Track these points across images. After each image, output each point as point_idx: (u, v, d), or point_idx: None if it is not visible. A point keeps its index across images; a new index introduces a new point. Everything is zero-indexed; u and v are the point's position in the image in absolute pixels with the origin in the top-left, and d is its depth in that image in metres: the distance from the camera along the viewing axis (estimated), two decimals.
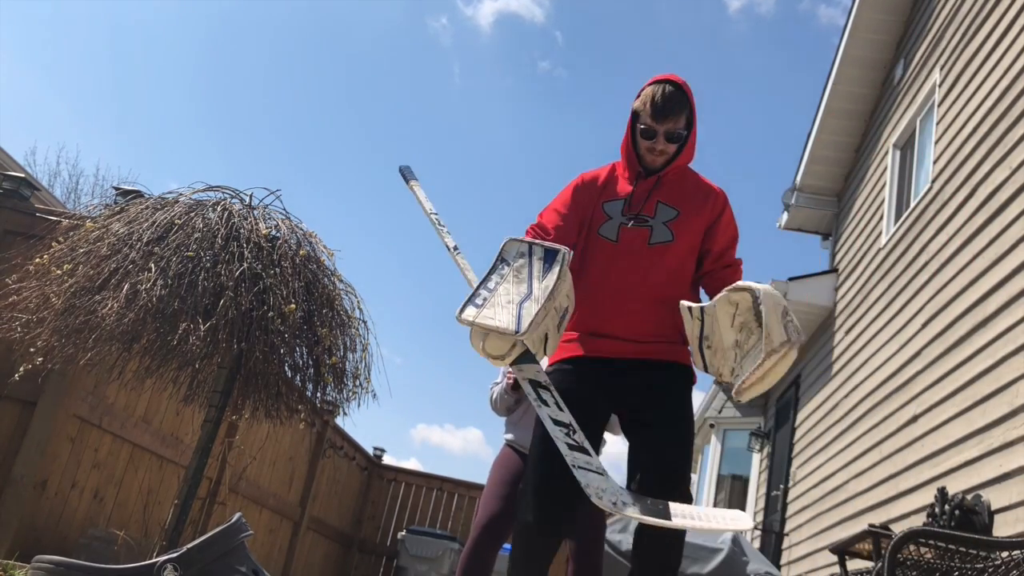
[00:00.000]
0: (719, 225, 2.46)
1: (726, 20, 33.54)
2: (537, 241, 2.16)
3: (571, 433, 1.96)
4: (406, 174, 2.84)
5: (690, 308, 2.15)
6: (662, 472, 2.25)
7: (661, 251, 2.37)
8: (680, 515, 1.80)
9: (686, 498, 2.24)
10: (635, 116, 2.45)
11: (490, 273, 2.11)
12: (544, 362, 2.18)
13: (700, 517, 1.82)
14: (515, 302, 2.02)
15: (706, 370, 2.18)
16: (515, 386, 3.27)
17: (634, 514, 1.81)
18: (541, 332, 2.05)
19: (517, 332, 1.94)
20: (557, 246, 2.15)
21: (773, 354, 1.94)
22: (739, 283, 2.08)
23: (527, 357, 2.05)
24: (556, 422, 1.98)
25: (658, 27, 32.73)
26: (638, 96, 2.44)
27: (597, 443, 2.38)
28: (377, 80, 33.39)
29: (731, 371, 2.07)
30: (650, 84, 2.42)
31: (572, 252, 2.24)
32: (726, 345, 2.08)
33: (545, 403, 2.01)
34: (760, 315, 1.98)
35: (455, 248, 2.52)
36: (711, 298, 2.19)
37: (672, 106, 2.37)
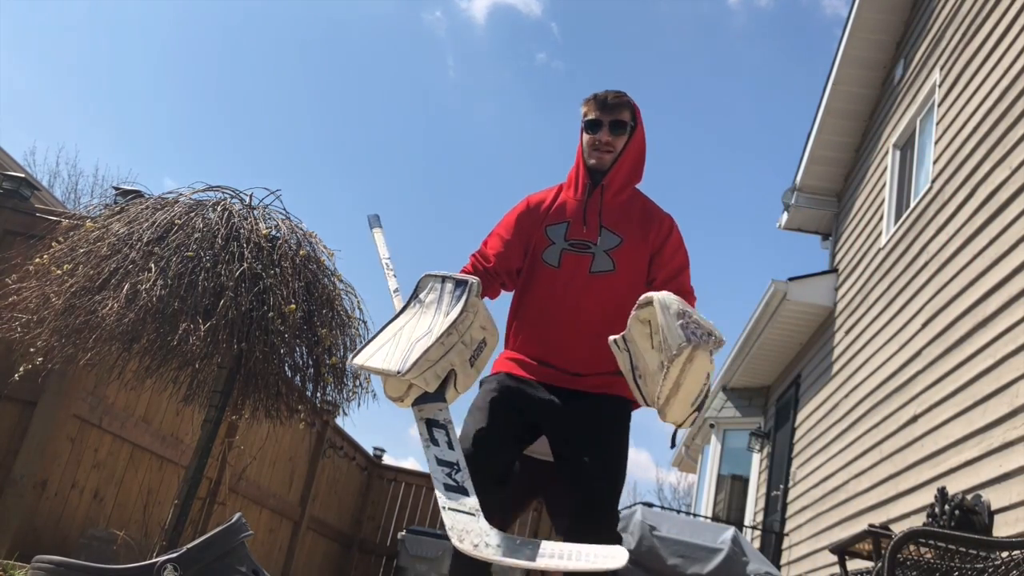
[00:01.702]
0: (664, 252, 2.37)
1: (726, 12, 33.49)
2: (450, 274, 2.10)
3: (453, 473, 1.87)
4: (372, 222, 2.70)
5: (615, 341, 2.02)
6: (585, 503, 2.18)
7: (602, 280, 2.31)
8: (548, 555, 1.67)
9: (611, 529, 2.16)
10: (583, 117, 2.41)
11: (400, 313, 2.05)
12: (455, 397, 2.09)
13: (571, 556, 1.68)
14: (412, 340, 1.94)
15: (646, 403, 2.01)
16: None
17: (495, 556, 1.68)
18: (441, 368, 1.95)
19: (399, 372, 1.86)
20: (467, 277, 2.09)
21: (675, 359, 1.79)
22: (642, 297, 1.95)
23: (430, 397, 1.96)
24: (440, 462, 1.88)
25: (656, 19, 32.69)
26: (583, 103, 2.43)
27: (509, 457, 2.28)
28: (371, 74, 33.41)
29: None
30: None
31: (490, 284, 2.18)
32: (652, 369, 1.92)
33: (435, 443, 1.92)
34: None
35: (396, 291, 2.39)
36: None
37: (616, 100, 2.36)
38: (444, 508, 1.79)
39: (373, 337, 2.00)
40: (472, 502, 1.80)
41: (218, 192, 3.57)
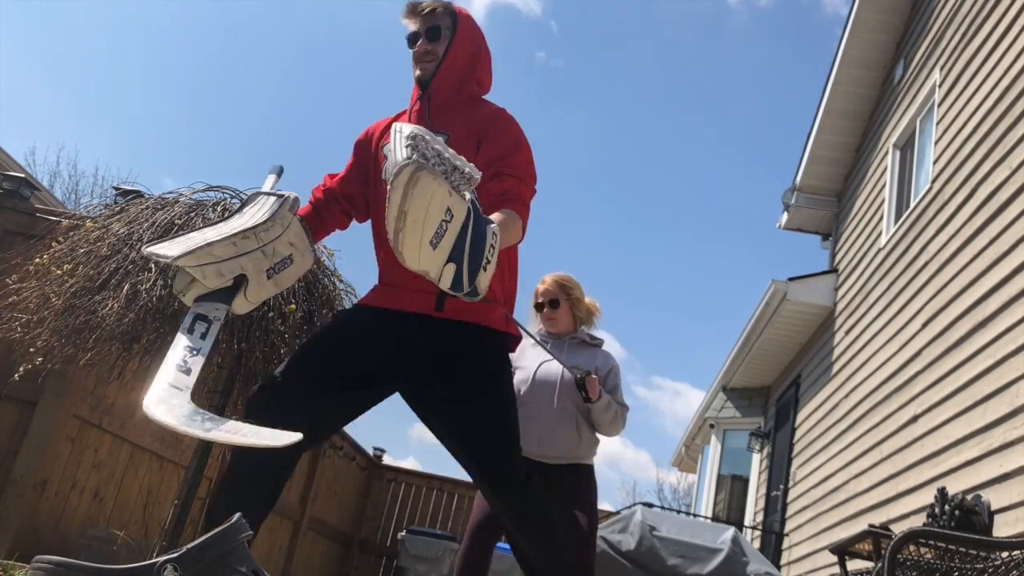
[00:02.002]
0: (491, 135, 2.16)
1: (726, 10, 33.50)
2: (275, 191, 2.04)
3: (188, 356, 1.76)
4: (272, 169, 2.48)
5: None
6: (473, 457, 2.10)
7: None
8: (227, 431, 1.56)
9: (512, 483, 2.08)
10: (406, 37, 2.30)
11: (217, 222, 2.00)
12: (245, 306, 1.97)
13: (244, 434, 1.56)
14: (205, 237, 1.89)
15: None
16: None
17: (167, 419, 1.57)
18: (227, 269, 1.88)
19: (172, 257, 1.81)
20: (287, 193, 2.02)
21: (395, 182, 1.50)
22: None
23: (212, 296, 1.89)
24: (187, 347, 1.78)
25: (656, 17, 32.68)
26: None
27: (353, 385, 2.10)
28: (370, 73, 33.41)
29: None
30: None
31: (298, 198, 2.05)
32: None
33: (191, 332, 1.82)
34: None
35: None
36: None
37: (430, 6, 2.24)
38: (159, 379, 1.68)
39: (180, 234, 1.97)
40: (189, 381, 1.71)
41: (218, 192, 3.57)
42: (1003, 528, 4.04)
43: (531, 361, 3.29)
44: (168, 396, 1.64)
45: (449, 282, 1.60)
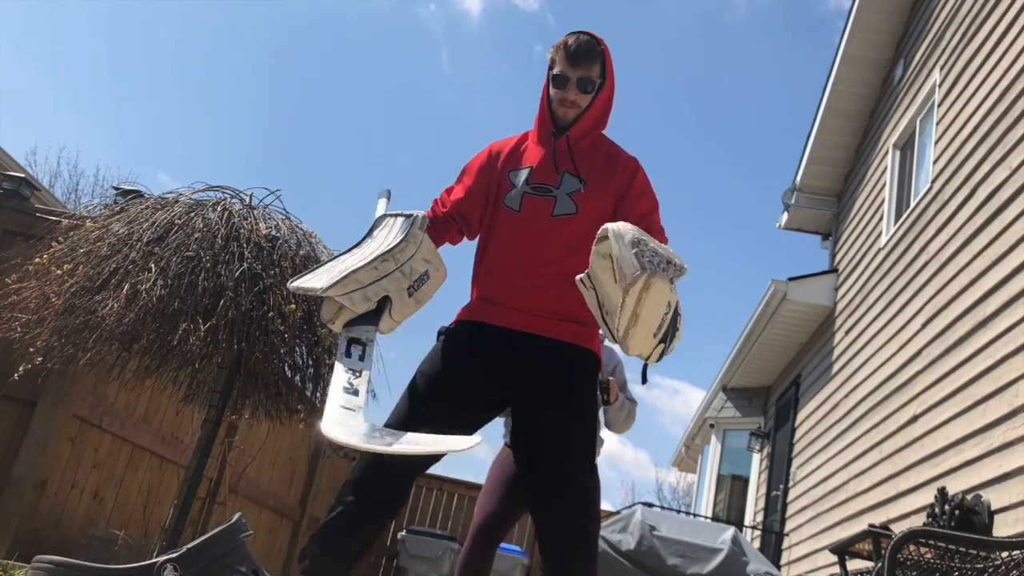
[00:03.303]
0: (631, 194, 2.31)
1: (726, 4, 33.47)
2: (400, 212, 2.11)
3: (352, 378, 1.86)
4: (381, 194, 2.72)
5: (581, 280, 1.96)
6: (552, 465, 2.14)
7: (564, 223, 2.25)
8: (404, 441, 1.69)
9: (581, 496, 2.13)
10: (549, 67, 2.35)
11: (352, 247, 2.07)
12: (391, 325, 2.07)
13: (418, 442, 1.69)
14: (347, 265, 1.97)
15: (615, 340, 1.92)
16: None
17: (351, 440, 1.68)
18: (372, 292, 1.97)
19: (322, 289, 1.89)
20: (414, 212, 2.10)
21: (630, 288, 1.73)
22: (599, 231, 1.88)
23: (360, 320, 1.98)
24: (347, 368, 1.88)
25: (655, 10, 32.64)
26: (552, 48, 2.36)
27: (460, 403, 2.19)
28: (367, 69, 33.43)
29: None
30: (564, 36, 2.34)
31: (427, 216, 2.16)
32: (616, 303, 1.85)
33: (348, 355, 1.92)
34: None
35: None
36: None
37: (585, 51, 2.28)
38: (331, 403, 1.78)
39: (318, 267, 2.02)
40: (358, 401, 1.81)
41: (218, 192, 3.58)
42: (1003, 528, 4.04)
43: None
44: (344, 418, 1.74)
45: (657, 358, 1.87)
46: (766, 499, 9.13)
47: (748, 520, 9.58)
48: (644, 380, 2.14)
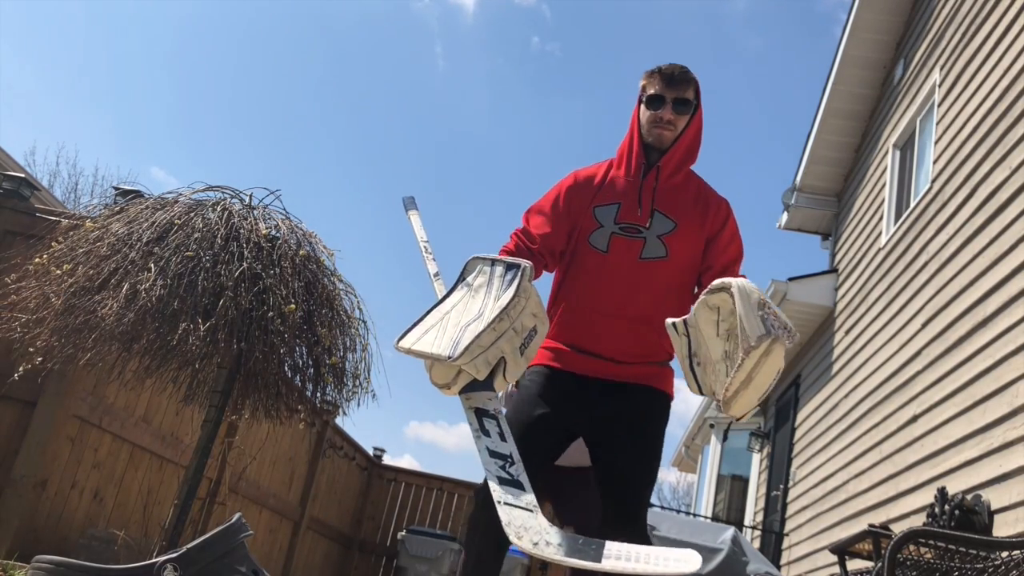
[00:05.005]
0: (721, 239, 2.26)
1: (726, 1, 33.46)
2: (500, 257, 2.00)
3: (507, 466, 1.76)
4: (407, 204, 2.59)
5: (674, 324, 1.93)
6: (620, 504, 2.16)
7: (653, 267, 2.19)
8: (615, 556, 1.54)
9: (641, 531, 2.14)
10: (642, 91, 2.30)
11: (446, 296, 1.96)
12: (503, 387, 1.99)
13: (638, 558, 1.54)
14: (461, 325, 1.84)
15: (700, 391, 1.93)
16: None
17: (556, 555, 1.57)
18: (492, 355, 1.86)
19: (450, 357, 1.78)
20: (519, 261, 1.97)
21: (752, 351, 1.71)
22: (715, 282, 1.84)
23: (478, 385, 1.88)
24: (493, 453, 1.78)
25: (655, 9, 32.61)
26: (644, 76, 2.33)
27: (549, 456, 2.23)
28: (364, 65, 33.43)
29: (723, 386, 1.82)
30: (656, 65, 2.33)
31: (534, 266, 2.03)
32: (715, 357, 1.84)
33: (487, 433, 1.82)
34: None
35: (436, 275, 2.26)
36: None
37: (681, 75, 2.25)
38: (499, 503, 1.68)
39: (419, 320, 1.89)
40: (529, 498, 1.69)
41: (218, 192, 3.57)
42: (1003, 528, 4.04)
43: None
44: (523, 520, 1.64)
45: (747, 417, 1.89)
46: (766, 499, 9.13)
47: (748, 520, 9.58)
48: (725, 438, 2.21)
